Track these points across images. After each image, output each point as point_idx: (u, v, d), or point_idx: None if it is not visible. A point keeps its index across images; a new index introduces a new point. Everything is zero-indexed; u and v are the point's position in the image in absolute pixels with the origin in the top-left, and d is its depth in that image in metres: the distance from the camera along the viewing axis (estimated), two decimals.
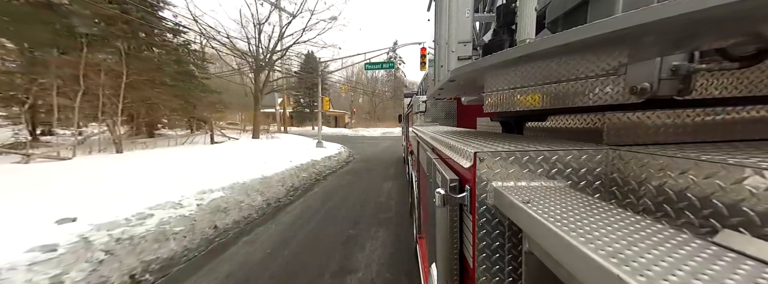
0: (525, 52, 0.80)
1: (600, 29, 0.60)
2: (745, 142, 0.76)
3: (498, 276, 0.74)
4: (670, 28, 0.52)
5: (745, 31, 0.53)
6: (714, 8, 0.44)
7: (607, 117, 0.81)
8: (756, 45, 0.57)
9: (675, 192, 0.55)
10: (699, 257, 0.37)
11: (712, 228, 0.49)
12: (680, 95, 0.67)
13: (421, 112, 3.97)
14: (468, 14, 1.46)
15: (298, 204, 5.48)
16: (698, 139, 0.78)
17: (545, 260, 0.55)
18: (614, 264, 0.35)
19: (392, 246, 3.67)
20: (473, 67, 1.07)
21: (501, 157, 0.75)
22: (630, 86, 0.70)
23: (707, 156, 0.53)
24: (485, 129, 2.03)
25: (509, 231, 0.72)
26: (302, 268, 3.12)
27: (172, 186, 5.09)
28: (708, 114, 0.77)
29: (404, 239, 3.86)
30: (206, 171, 6.63)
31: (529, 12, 1.05)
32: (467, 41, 1.46)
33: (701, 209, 0.51)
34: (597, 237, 0.43)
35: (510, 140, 1.03)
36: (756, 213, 0.43)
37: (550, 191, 0.68)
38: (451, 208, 0.88)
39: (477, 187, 0.74)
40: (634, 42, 0.66)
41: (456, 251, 0.92)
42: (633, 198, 0.65)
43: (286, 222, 4.47)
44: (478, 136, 1.37)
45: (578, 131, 0.96)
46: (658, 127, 0.78)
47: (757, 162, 0.46)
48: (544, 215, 0.52)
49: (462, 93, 2.36)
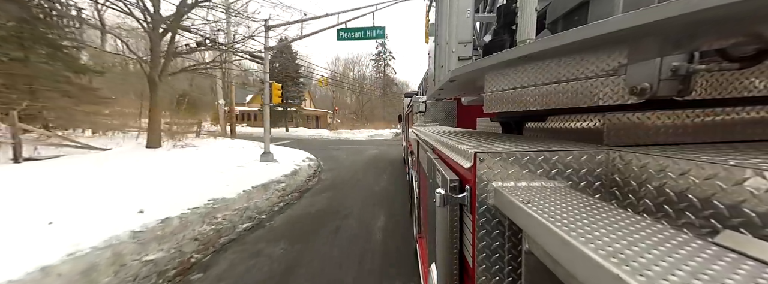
0: (525, 52, 0.80)
1: (600, 29, 0.60)
2: (745, 142, 0.76)
3: (498, 276, 0.74)
4: (670, 28, 0.52)
5: (745, 31, 0.53)
6: (714, 8, 0.44)
7: (607, 117, 0.81)
8: (756, 45, 0.57)
9: (675, 192, 0.55)
10: (699, 257, 0.37)
11: (713, 229, 0.49)
12: (680, 95, 0.67)
13: (421, 112, 3.97)
14: (468, 14, 1.46)
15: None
16: (698, 140, 0.78)
17: (545, 260, 0.55)
18: (614, 264, 0.35)
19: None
20: (473, 68, 1.07)
21: (501, 157, 0.75)
22: (630, 86, 0.70)
23: (707, 157, 0.53)
24: (485, 129, 2.03)
25: (509, 231, 0.72)
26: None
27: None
28: (708, 114, 0.77)
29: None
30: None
31: (529, 12, 1.05)
32: (468, 41, 1.46)
33: (702, 210, 0.51)
34: (597, 237, 0.43)
35: (510, 140, 1.03)
36: (756, 213, 0.43)
37: (550, 191, 0.68)
38: (451, 208, 0.88)
39: (477, 187, 0.74)
40: (634, 42, 0.66)
41: (456, 251, 0.92)
42: (633, 198, 0.65)
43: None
44: (478, 136, 1.37)
45: (578, 131, 0.96)
46: (658, 128, 0.78)
47: (758, 163, 0.46)
48: (544, 215, 0.52)
49: (462, 93, 2.36)
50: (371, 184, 6.92)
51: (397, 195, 5.85)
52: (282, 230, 4.03)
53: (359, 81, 49.58)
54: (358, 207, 5.07)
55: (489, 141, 1.02)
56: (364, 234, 3.90)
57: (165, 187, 5.02)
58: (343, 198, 5.71)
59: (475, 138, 1.21)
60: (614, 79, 0.76)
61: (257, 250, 3.37)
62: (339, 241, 3.65)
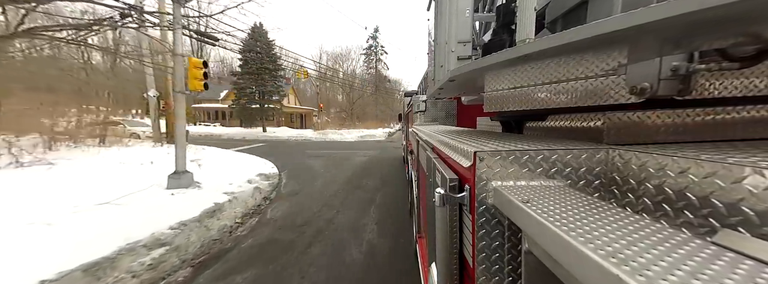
0: (525, 51, 0.80)
1: (600, 29, 0.60)
2: (745, 141, 0.76)
3: (498, 275, 0.74)
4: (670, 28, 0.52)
5: (744, 31, 0.53)
6: (714, 8, 0.44)
7: (607, 116, 0.81)
8: (756, 45, 0.57)
9: (674, 191, 0.55)
10: (698, 257, 0.37)
11: (712, 228, 0.49)
12: (680, 95, 0.67)
13: (421, 111, 3.97)
14: (468, 14, 1.46)
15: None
16: (698, 139, 0.78)
17: (545, 260, 0.55)
18: (613, 263, 0.35)
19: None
20: (473, 67, 1.07)
21: (501, 157, 0.75)
22: (630, 86, 0.70)
23: (707, 155, 0.53)
24: (485, 128, 2.03)
25: (509, 231, 0.73)
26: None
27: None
28: (708, 114, 0.77)
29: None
30: None
31: (528, 12, 1.05)
32: (467, 41, 1.46)
33: (700, 208, 0.51)
34: (596, 236, 0.43)
35: (510, 139, 1.04)
36: (755, 212, 0.43)
37: (549, 190, 0.68)
38: (450, 208, 0.88)
39: (477, 187, 0.74)
40: (634, 42, 0.66)
41: (456, 251, 0.92)
42: (632, 197, 0.66)
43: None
44: (478, 135, 1.37)
45: (578, 130, 0.96)
46: (658, 127, 0.79)
47: (757, 161, 0.46)
48: (544, 214, 0.52)
49: (462, 92, 2.36)
50: (356, 228, 4.07)
51: (407, 260, 3.09)
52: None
53: (349, 76, 46.12)
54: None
55: (489, 140, 1.03)
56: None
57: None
58: (296, 275, 2.87)
59: (475, 137, 1.21)
60: (614, 78, 0.76)
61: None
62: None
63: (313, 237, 3.80)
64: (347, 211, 4.86)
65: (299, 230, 4.04)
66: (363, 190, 6.25)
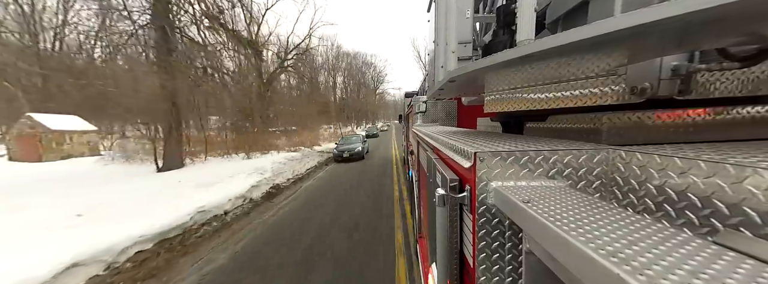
0: (525, 52, 0.80)
1: (600, 29, 0.60)
2: (745, 141, 0.76)
3: (498, 275, 0.74)
4: (670, 28, 0.53)
5: (745, 31, 0.53)
6: (714, 8, 0.44)
7: (607, 117, 0.81)
8: (756, 45, 0.57)
9: (675, 191, 0.55)
10: (699, 256, 0.37)
11: (713, 228, 0.49)
12: (680, 95, 0.67)
13: (422, 112, 3.97)
14: (468, 15, 1.46)
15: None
16: (698, 139, 0.78)
17: (545, 259, 0.55)
18: (614, 263, 0.35)
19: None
20: (473, 68, 1.07)
21: (501, 157, 0.75)
22: (630, 86, 0.70)
23: (707, 156, 0.53)
24: (486, 129, 2.03)
25: (509, 231, 0.72)
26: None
27: None
28: (708, 114, 0.77)
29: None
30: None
31: (528, 12, 1.05)
32: (467, 42, 1.46)
33: (701, 209, 0.51)
34: (597, 236, 0.43)
35: (510, 140, 1.03)
36: (756, 212, 0.43)
37: (550, 191, 0.68)
38: (451, 208, 0.88)
39: (477, 187, 0.74)
40: (634, 42, 0.66)
41: (456, 251, 0.92)
42: (633, 197, 0.65)
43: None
44: (478, 135, 1.37)
45: (579, 131, 0.96)
46: (658, 127, 0.78)
47: (757, 161, 0.46)
48: (544, 215, 0.52)
49: (462, 93, 2.36)
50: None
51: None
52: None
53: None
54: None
55: (489, 140, 1.03)
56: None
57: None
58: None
59: (475, 137, 1.21)
60: (615, 78, 0.76)
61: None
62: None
63: None
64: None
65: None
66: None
